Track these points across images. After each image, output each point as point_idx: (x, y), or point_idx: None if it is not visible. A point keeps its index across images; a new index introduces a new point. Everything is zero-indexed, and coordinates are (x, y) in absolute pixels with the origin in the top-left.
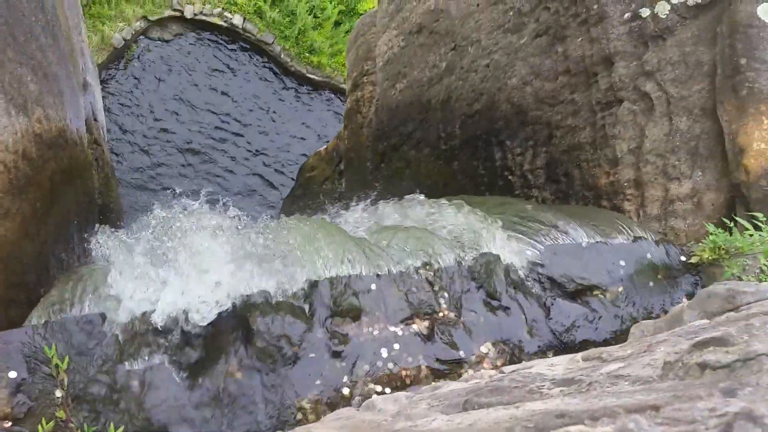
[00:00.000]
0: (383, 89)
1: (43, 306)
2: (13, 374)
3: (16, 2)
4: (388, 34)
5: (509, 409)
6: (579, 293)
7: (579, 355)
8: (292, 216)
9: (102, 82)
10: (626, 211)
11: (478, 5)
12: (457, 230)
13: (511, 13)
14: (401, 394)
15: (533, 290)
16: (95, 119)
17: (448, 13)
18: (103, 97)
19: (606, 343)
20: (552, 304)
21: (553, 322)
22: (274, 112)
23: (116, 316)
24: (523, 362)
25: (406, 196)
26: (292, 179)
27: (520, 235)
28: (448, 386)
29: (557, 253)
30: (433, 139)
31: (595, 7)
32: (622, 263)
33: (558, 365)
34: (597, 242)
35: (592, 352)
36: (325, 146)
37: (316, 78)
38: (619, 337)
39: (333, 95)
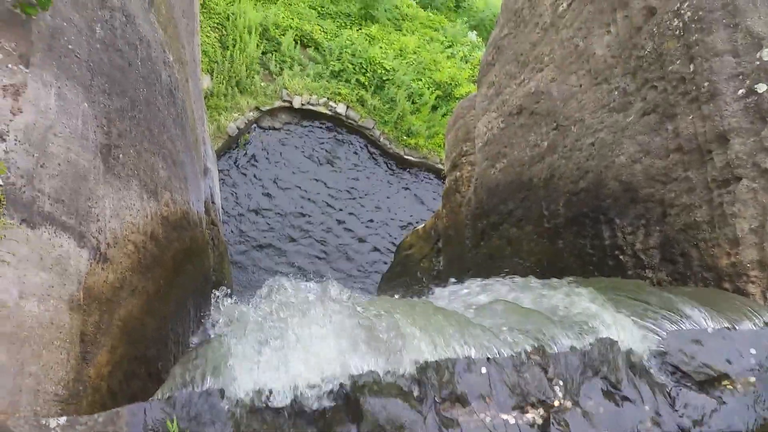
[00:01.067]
0: (482, 169)
1: (168, 381)
2: None
3: (153, 99)
4: (487, 117)
5: None
6: (707, 383)
7: None
8: (397, 297)
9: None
10: (751, 294)
11: (581, 86)
12: (570, 312)
13: (615, 93)
14: None
15: (656, 379)
16: (213, 202)
17: (549, 95)
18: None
19: None
20: (677, 395)
21: (679, 414)
22: (373, 193)
23: (234, 393)
24: None
25: (514, 277)
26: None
27: (640, 320)
28: None
29: (681, 339)
30: (535, 217)
31: (706, 84)
32: (753, 351)
33: None
34: (723, 328)
35: None
36: (423, 224)
37: (413, 159)
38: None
39: (429, 174)
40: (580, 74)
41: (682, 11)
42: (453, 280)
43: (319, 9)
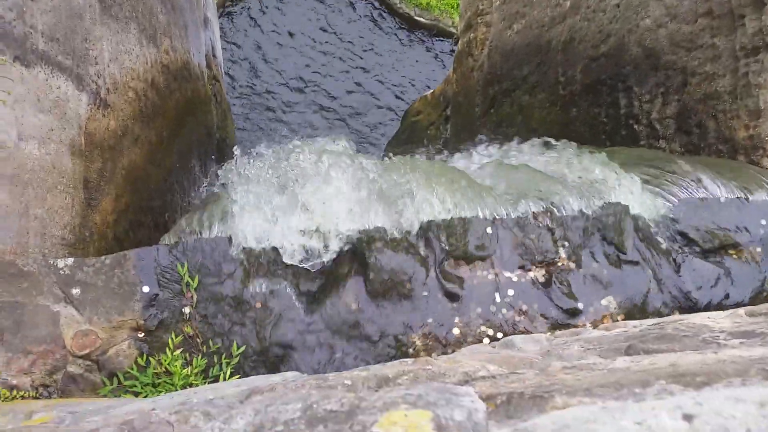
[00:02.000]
0: (498, 30)
1: (174, 229)
2: (146, 289)
3: None
4: None
5: (693, 355)
6: (713, 251)
7: (741, 311)
8: (406, 156)
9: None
10: (766, 168)
11: None
12: (581, 177)
13: None
14: (541, 335)
15: (663, 245)
16: (214, 56)
17: None
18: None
19: (740, 305)
20: (683, 262)
21: (682, 280)
22: (378, 54)
23: (242, 241)
24: (672, 316)
25: (524, 142)
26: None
27: (652, 186)
28: (590, 333)
29: (692, 207)
30: (550, 84)
31: None
32: (763, 222)
33: (719, 319)
34: (736, 198)
35: (760, 308)
36: (431, 90)
37: (424, 20)
38: (756, 299)
39: (441, 39)
40: None
41: None
42: (462, 147)
43: None
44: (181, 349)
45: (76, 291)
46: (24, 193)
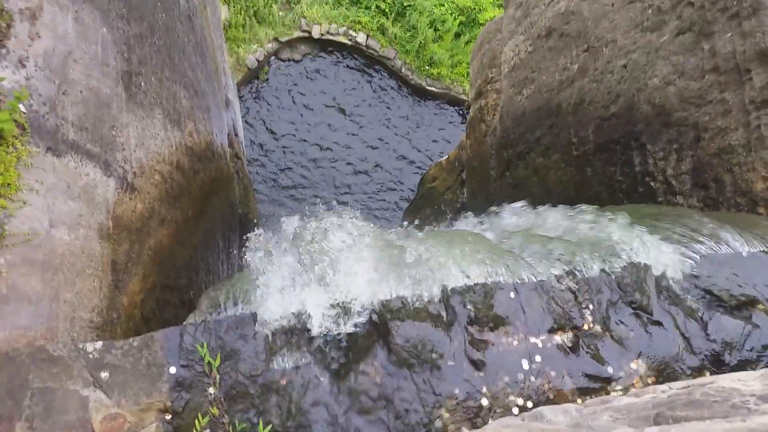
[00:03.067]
0: (508, 96)
1: (200, 307)
2: (173, 369)
3: (172, 25)
4: (514, 40)
5: (721, 423)
6: (740, 307)
7: None
8: (426, 225)
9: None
10: None
11: (612, 5)
12: (600, 238)
13: (649, 11)
14: (570, 405)
15: (688, 303)
16: (236, 134)
17: (580, 15)
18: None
19: None
20: (710, 319)
21: (711, 338)
22: (395, 126)
23: (266, 316)
24: (700, 378)
25: (540, 206)
26: (410, 189)
27: (673, 243)
28: (619, 401)
29: (714, 263)
30: (563, 145)
31: None
32: None
33: (750, 381)
34: (758, 252)
35: None
36: (446, 156)
37: (435, 89)
38: None
39: (452, 106)
40: None
41: None
42: (480, 211)
43: None
44: (207, 431)
45: (104, 375)
46: (54, 279)
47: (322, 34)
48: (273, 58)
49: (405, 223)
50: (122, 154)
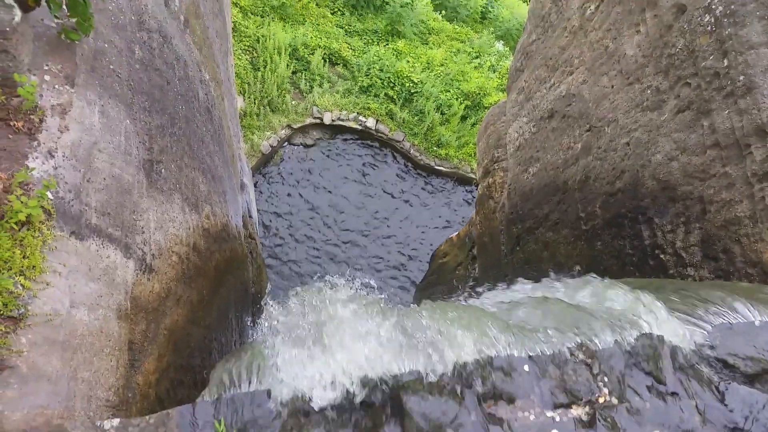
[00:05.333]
0: (515, 174)
1: (214, 384)
2: None
3: (192, 116)
4: (518, 122)
5: None
6: (758, 376)
7: None
8: (435, 300)
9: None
10: None
11: (612, 87)
12: (612, 309)
13: (648, 92)
14: None
15: (704, 374)
16: (250, 216)
17: (581, 97)
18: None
19: None
20: (726, 389)
21: (728, 409)
22: (405, 201)
23: (280, 393)
24: None
25: (548, 278)
26: (418, 266)
27: (685, 314)
28: None
29: (728, 332)
30: (571, 220)
31: (742, 78)
32: None
33: None
34: None
35: None
36: (456, 233)
37: (444, 169)
38: None
39: (461, 185)
40: (611, 75)
41: (713, 6)
42: (492, 286)
43: (347, 27)
44: None
45: None
46: (73, 358)
47: (333, 120)
48: (286, 143)
49: (416, 297)
50: (142, 236)
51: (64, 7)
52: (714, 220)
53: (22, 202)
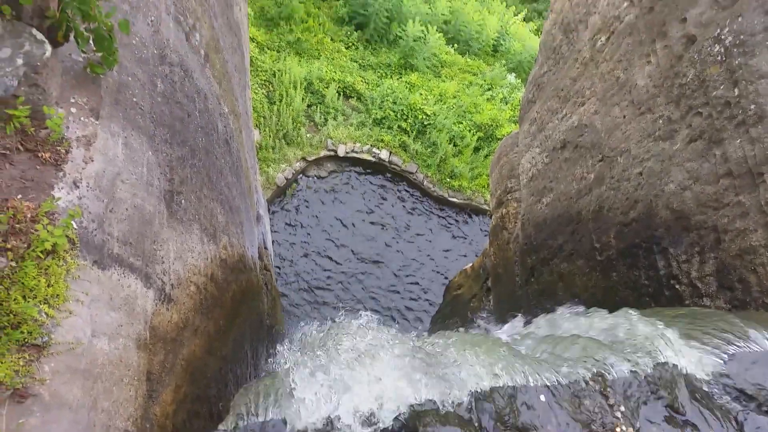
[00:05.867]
0: (529, 204)
1: (232, 412)
2: None
3: (211, 148)
4: (531, 153)
5: None
6: None
7: None
8: (452, 331)
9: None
10: None
11: (624, 117)
12: (628, 339)
13: (660, 122)
14: None
15: (721, 403)
16: (265, 247)
17: (593, 127)
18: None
19: None
20: (745, 419)
21: None
22: (418, 233)
23: (297, 422)
24: None
25: (563, 308)
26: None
27: (701, 343)
28: None
29: (744, 361)
30: (586, 251)
31: (753, 107)
32: None
33: None
34: None
35: None
36: (470, 264)
37: (458, 200)
38: None
39: (475, 216)
40: (622, 105)
41: (723, 37)
42: (507, 317)
43: (360, 61)
44: None
45: None
46: (94, 387)
47: (347, 153)
48: (301, 175)
49: (431, 329)
50: (162, 266)
51: (91, 42)
52: (729, 249)
53: (48, 231)
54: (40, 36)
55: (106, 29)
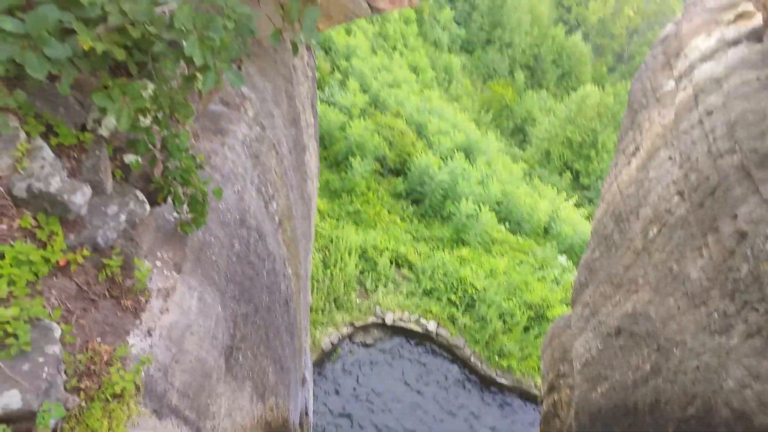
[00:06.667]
0: (582, 392)
1: None
2: None
3: (272, 306)
4: (584, 337)
5: None
6: None
7: None
8: None
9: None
10: None
11: (678, 308)
12: None
13: (715, 315)
14: None
15: None
16: (306, 414)
17: (648, 316)
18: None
19: None
20: None
21: None
22: (464, 418)
23: None
24: None
25: None
26: None
27: None
28: None
29: None
30: None
31: None
32: None
33: None
34: None
35: None
36: None
37: (506, 382)
38: None
39: (523, 401)
40: (676, 296)
41: None
42: None
43: (414, 233)
44: None
45: None
46: None
47: (394, 321)
48: (347, 341)
49: None
50: (212, 422)
51: (185, 204)
52: None
53: (120, 376)
54: (142, 197)
55: (201, 195)
